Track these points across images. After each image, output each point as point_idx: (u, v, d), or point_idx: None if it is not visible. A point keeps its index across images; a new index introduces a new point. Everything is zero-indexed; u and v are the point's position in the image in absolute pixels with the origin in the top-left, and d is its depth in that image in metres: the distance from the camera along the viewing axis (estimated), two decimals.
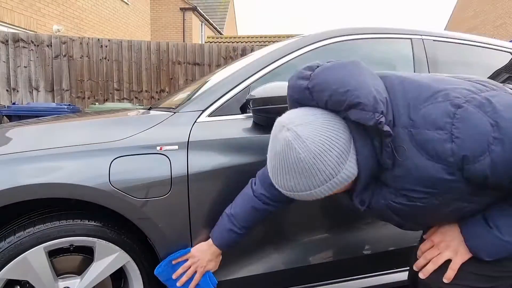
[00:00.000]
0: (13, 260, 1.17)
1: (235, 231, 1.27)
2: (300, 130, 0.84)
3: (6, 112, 4.39)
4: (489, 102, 0.83)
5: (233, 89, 1.50)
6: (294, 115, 0.89)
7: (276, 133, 0.88)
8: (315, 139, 0.83)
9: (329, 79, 0.89)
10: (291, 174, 0.86)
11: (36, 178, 1.17)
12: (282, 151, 0.85)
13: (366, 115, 0.83)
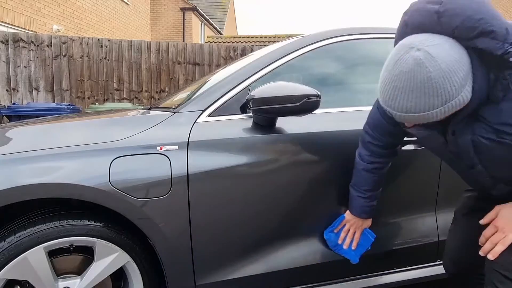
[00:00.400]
0: (13, 260, 1.17)
1: (361, 196, 1.42)
2: (432, 50, 0.86)
3: (6, 112, 4.39)
4: None
5: (233, 89, 1.50)
6: (422, 37, 0.89)
7: (402, 54, 0.89)
8: (446, 59, 0.85)
9: (463, 5, 0.89)
10: (414, 93, 0.87)
11: (36, 178, 1.17)
12: (411, 70, 0.86)
13: (497, 44, 0.86)
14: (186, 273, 1.37)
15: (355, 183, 1.44)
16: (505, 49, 0.86)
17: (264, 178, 1.43)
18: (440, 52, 0.86)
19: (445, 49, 0.87)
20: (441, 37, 0.90)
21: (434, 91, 0.86)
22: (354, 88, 1.74)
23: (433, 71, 0.85)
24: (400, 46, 0.91)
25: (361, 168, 1.41)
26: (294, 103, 1.33)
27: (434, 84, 0.85)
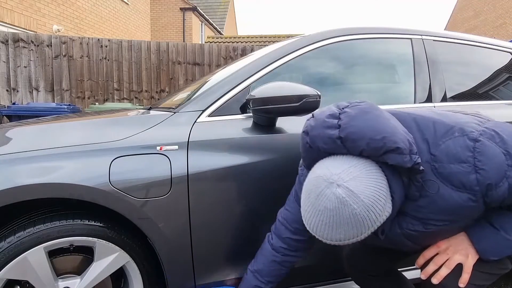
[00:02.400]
0: (13, 260, 1.17)
1: (261, 287, 1.27)
2: (352, 186, 0.87)
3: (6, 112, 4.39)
4: (497, 134, 0.94)
5: (233, 89, 1.50)
6: (338, 170, 0.90)
7: (323, 189, 0.89)
8: (366, 193, 0.87)
9: (362, 127, 0.91)
10: (342, 228, 0.88)
11: (36, 178, 1.17)
12: (335, 208, 0.87)
13: (404, 158, 0.89)
14: (186, 273, 1.37)
15: (258, 271, 1.27)
16: (413, 161, 0.90)
17: (264, 178, 1.43)
18: (359, 185, 0.87)
19: (363, 180, 0.88)
20: (355, 164, 0.91)
21: (360, 223, 0.88)
22: (354, 88, 1.74)
23: (357, 207, 0.86)
24: (319, 179, 0.91)
25: (272, 259, 1.26)
26: (294, 103, 1.33)
27: (360, 218, 0.87)
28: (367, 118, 0.92)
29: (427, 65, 1.81)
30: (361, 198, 0.86)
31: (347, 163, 0.91)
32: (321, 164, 0.95)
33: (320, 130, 0.96)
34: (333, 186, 0.87)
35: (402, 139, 0.90)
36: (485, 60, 1.99)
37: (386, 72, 1.85)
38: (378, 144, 0.89)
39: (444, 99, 1.80)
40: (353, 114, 0.94)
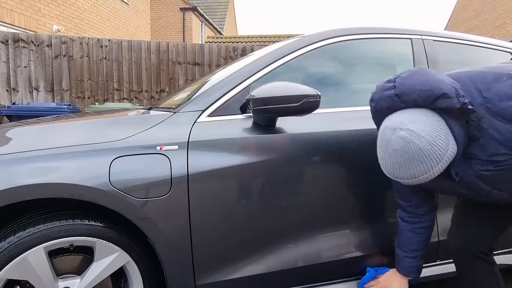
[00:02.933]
0: (13, 260, 1.17)
1: (407, 256, 1.44)
2: (412, 127, 1.04)
3: (6, 112, 4.39)
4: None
5: (233, 89, 1.50)
6: (399, 118, 1.09)
7: (389, 136, 1.08)
8: (426, 130, 1.04)
9: (412, 83, 1.10)
10: (413, 164, 1.05)
11: (36, 178, 1.17)
12: (403, 147, 1.04)
13: (453, 101, 1.05)
14: (186, 273, 1.37)
15: (401, 243, 1.46)
16: (461, 102, 1.05)
17: (264, 178, 1.43)
18: (418, 126, 1.04)
19: (422, 122, 1.05)
20: (413, 112, 1.09)
21: (427, 157, 1.03)
22: (354, 88, 1.74)
23: (420, 143, 1.03)
24: (386, 129, 1.10)
25: (406, 229, 1.44)
26: (294, 103, 1.33)
27: (425, 152, 1.03)
28: (417, 76, 1.11)
29: (427, 65, 1.81)
30: (422, 135, 1.03)
31: (406, 112, 1.10)
32: (385, 120, 1.14)
33: (380, 93, 1.18)
34: (397, 130, 1.05)
35: (447, 86, 1.06)
36: (485, 60, 1.99)
37: (386, 72, 1.85)
38: (427, 93, 1.06)
39: None
40: (405, 75, 1.14)
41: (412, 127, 1.04)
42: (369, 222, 1.60)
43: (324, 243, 1.54)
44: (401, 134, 1.04)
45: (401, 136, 1.04)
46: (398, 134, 1.05)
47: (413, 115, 1.07)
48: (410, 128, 1.04)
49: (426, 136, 1.03)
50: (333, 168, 1.52)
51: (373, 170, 1.56)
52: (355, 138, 1.54)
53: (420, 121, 1.05)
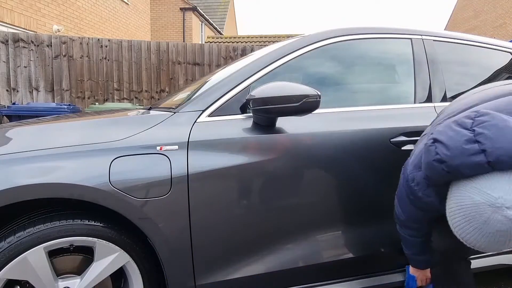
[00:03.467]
0: (13, 260, 1.17)
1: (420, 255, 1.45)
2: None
3: (6, 112, 4.39)
4: None
5: (233, 89, 1.50)
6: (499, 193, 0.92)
7: (489, 215, 0.92)
8: None
9: (508, 146, 0.93)
10: None
11: (36, 178, 1.17)
12: (509, 228, 0.91)
13: None
14: (186, 273, 1.37)
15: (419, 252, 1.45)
16: None
17: (264, 178, 1.43)
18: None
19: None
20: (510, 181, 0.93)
21: None
22: (354, 88, 1.74)
23: None
24: (481, 206, 0.93)
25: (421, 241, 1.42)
26: (294, 103, 1.33)
27: None
28: (506, 134, 0.94)
29: (427, 65, 1.81)
30: None
31: (505, 184, 0.93)
32: (470, 190, 0.97)
33: (463, 158, 0.97)
34: (502, 209, 0.90)
35: None
36: (485, 60, 1.99)
37: (386, 72, 1.85)
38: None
39: (444, 99, 1.80)
40: (492, 135, 0.95)
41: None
42: (369, 222, 1.60)
43: (324, 243, 1.54)
44: (508, 214, 0.90)
45: (509, 217, 0.90)
46: (504, 214, 0.90)
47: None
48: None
49: None
50: (333, 168, 1.52)
51: (373, 170, 1.56)
52: (355, 138, 1.54)
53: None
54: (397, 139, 1.59)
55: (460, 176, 1.00)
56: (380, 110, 1.66)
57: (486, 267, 1.79)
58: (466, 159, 0.96)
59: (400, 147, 1.59)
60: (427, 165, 1.08)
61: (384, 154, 1.57)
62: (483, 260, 1.76)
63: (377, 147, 1.56)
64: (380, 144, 1.57)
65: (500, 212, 0.90)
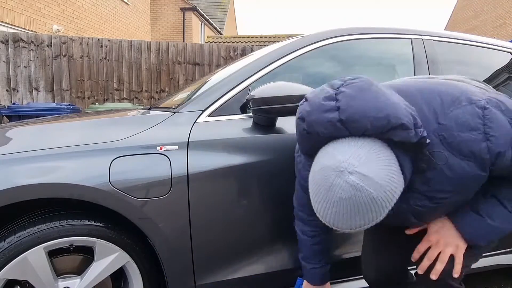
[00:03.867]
0: (13, 260, 1.17)
1: (316, 266, 1.32)
2: (364, 170, 0.82)
3: (6, 112, 4.39)
4: (501, 102, 0.94)
5: (233, 89, 1.50)
6: (345, 155, 0.84)
7: (333, 180, 0.83)
8: (381, 174, 0.83)
9: (364, 107, 0.86)
10: (360, 214, 0.83)
11: (36, 178, 1.17)
12: (352, 196, 0.81)
13: (410, 133, 0.86)
14: (186, 273, 1.37)
15: (307, 257, 1.32)
16: (419, 135, 0.87)
17: (264, 178, 1.43)
18: (371, 169, 0.82)
19: (374, 163, 0.83)
20: (361, 145, 0.85)
21: (379, 205, 0.83)
22: None
23: (374, 190, 0.81)
24: (326, 170, 0.84)
25: (310, 244, 1.30)
26: (294, 103, 1.33)
27: (378, 201, 0.82)
28: (367, 97, 0.87)
29: (427, 65, 1.81)
30: (376, 181, 0.82)
31: (353, 147, 0.85)
32: (324, 153, 0.89)
33: (318, 114, 0.90)
34: (344, 174, 0.82)
35: (405, 114, 0.86)
36: (485, 60, 1.99)
37: (386, 72, 1.85)
38: (382, 122, 0.84)
39: None
40: (352, 94, 0.88)
41: (364, 170, 0.81)
42: None
43: None
44: (351, 180, 0.81)
45: (351, 182, 0.81)
46: (346, 179, 0.81)
47: (362, 151, 0.84)
48: (361, 171, 0.81)
49: (380, 181, 0.82)
50: None
51: None
52: None
53: (372, 161, 0.83)
54: None
55: (318, 139, 0.91)
56: None
57: (486, 267, 1.79)
58: (321, 115, 0.89)
59: None
60: (295, 126, 1.00)
61: None
62: (483, 260, 1.76)
63: None
64: None
65: (342, 177, 0.81)
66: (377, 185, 0.82)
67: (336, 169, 0.83)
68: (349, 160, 0.83)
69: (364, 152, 0.84)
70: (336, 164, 0.83)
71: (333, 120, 0.87)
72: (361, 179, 0.81)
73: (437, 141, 0.93)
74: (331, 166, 0.84)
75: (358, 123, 0.86)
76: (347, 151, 0.85)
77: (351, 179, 0.81)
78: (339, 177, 0.82)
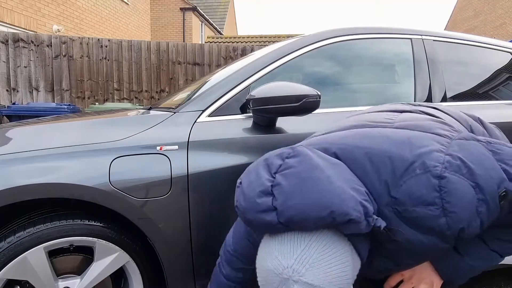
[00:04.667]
0: (13, 260, 1.17)
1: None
2: (310, 279, 0.75)
3: (6, 112, 4.39)
4: (463, 163, 0.81)
5: (233, 89, 1.50)
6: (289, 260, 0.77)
7: (277, 286, 0.78)
8: (328, 278, 0.76)
9: (303, 206, 0.76)
10: None
11: (36, 178, 1.17)
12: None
13: (361, 226, 0.77)
14: (186, 273, 1.37)
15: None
16: (371, 225, 0.79)
17: None
18: (318, 275, 0.75)
19: (322, 265, 0.76)
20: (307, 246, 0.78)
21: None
22: (354, 88, 1.74)
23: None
24: (270, 275, 0.79)
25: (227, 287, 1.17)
26: (294, 103, 1.33)
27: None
28: (306, 190, 0.78)
29: (427, 65, 1.81)
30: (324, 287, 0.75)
31: (298, 249, 0.77)
32: (268, 252, 0.81)
33: (254, 215, 0.81)
34: (289, 282, 0.75)
35: (353, 207, 0.76)
36: (485, 60, 1.99)
37: (386, 72, 1.85)
38: (327, 220, 0.76)
39: (444, 99, 1.80)
40: (288, 189, 0.79)
41: (310, 278, 0.74)
42: None
43: None
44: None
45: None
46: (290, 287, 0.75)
47: (308, 254, 0.76)
48: (307, 280, 0.74)
49: (328, 285, 0.76)
50: None
51: None
52: None
53: (319, 265, 0.76)
54: None
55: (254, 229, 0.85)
56: None
57: None
58: (257, 216, 0.81)
59: None
60: None
61: None
62: None
63: None
64: None
65: (287, 285, 0.75)
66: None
67: (280, 275, 0.77)
68: (294, 266, 0.76)
69: (310, 254, 0.77)
70: (280, 270, 0.77)
71: (273, 223, 0.79)
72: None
73: (392, 215, 0.83)
74: (274, 271, 0.78)
75: (300, 224, 0.77)
76: (291, 254, 0.77)
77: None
78: (284, 284, 0.76)
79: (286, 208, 0.77)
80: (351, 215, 0.75)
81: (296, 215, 0.77)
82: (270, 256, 0.80)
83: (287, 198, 0.78)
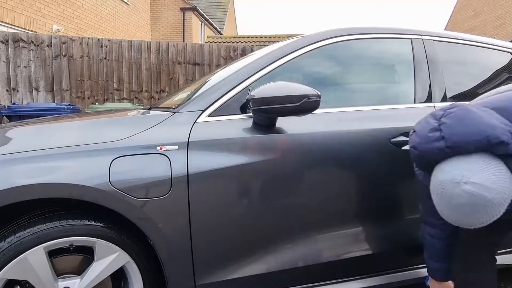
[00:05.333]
0: (13, 260, 1.17)
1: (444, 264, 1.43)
2: (477, 179, 1.01)
3: (6, 112, 4.39)
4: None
5: (233, 89, 1.50)
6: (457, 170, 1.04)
7: (451, 190, 1.03)
8: (492, 179, 1.00)
9: (464, 132, 1.05)
10: (482, 213, 1.02)
11: (36, 178, 1.17)
12: (469, 201, 1.01)
13: (510, 146, 1.02)
14: (186, 273, 1.37)
15: (434, 257, 1.43)
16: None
17: (264, 178, 1.43)
18: (483, 177, 1.00)
19: (484, 171, 1.01)
20: (471, 162, 1.04)
21: (496, 205, 1.01)
22: (354, 88, 1.74)
23: (489, 194, 1.00)
24: (445, 184, 1.06)
25: (440, 245, 1.41)
26: (294, 103, 1.33)
27: (494, 202, 1.00)
28: (466, 124, 1.06)
29: (427, 65, 1.81)
30: (489, 186, 0.99)
31: (464, 163, 1.04)
32: (440, 170, 1.09)
33: (427, 145, 1.12)
34: (460, 185, 1.01)
35: (503, 132, 1.03)
36: (485, 60, 1.99)
37: (386, 72, 1.85)
38: (484, 143, 1.02)
39: (444, 99, 1.80)
40: (452, 124, 1.08)
41: (476, 179, 1.01)
42: (369, 222, 1.60)
43: (324, 243, 1.54)
44: (466, 189, 1.01)
45: (466, 190, 1.01)
46: (462, 188, 1.01)
47: (472, 165, 1.03)
48: (474, 181, 1.00)
49: (493, 185, 1.00)
50: (333, 168, 1.52)
51: (373, 170, 1.56)
52: (355, 138, 1.54)
53: (482, 171, 1.01)
54: (397, 139, 1.60)
55: (431, 161, 1.12)
56: (380, 110, 1.66)
57: None
58: (430, 145, 1.11)
59: (400, 147, 1.59)
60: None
61: (384, 154, 1.57)
62: None
63: (377, 147, 1.57)
64: (380, 144, 1.57)
65: (459, 187, 1.02)
66: (490, 189, 1.00)
67: (453, 181, 1.04)
68: (463, 173, 1.03)
69: (474, 165, 1.03)
70: (452, 178, 1.04)
71: (441, 148, 1.08)
72: (476, 187, 1.00)
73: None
74: (448, 180, 1.05)
75: (462, 148, 1.05)
76: (460, 166, 1.04)
77: (466, 188, 1.01)
78: (456, 187, 1.02)
79: (452, 135, 1.06)
80: (502, 138, 1.02)
81: (459, 140, 1.05)
82: (442, 172, 1.08)
83: (451, 129, 1.07)
